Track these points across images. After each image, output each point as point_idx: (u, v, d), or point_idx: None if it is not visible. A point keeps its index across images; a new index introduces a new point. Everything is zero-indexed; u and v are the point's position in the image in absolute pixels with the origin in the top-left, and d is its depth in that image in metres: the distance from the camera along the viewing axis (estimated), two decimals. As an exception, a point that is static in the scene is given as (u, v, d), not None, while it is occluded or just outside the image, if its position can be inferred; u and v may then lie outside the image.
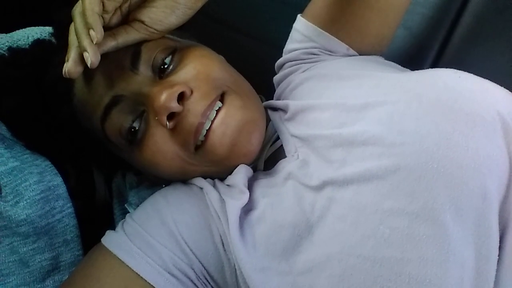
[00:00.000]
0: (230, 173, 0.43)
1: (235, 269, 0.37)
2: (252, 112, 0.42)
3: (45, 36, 0.56)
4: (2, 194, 0.46)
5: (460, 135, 0.34)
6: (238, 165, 0.43)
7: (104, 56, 0.38)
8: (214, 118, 0.40)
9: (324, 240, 0.35)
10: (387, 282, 0.32)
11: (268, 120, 0.49)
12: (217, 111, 0.40)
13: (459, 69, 0.40)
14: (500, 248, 0.33)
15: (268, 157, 0.46)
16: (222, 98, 0.41)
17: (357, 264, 0.33)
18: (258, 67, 0.56)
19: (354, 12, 0.50)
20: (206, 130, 0.40)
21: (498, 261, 0.33)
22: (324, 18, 0.52)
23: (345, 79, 0.44)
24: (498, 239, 0.33)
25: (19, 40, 0.57)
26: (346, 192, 0.36)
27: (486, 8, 0.61)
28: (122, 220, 0.42)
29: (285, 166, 0.42)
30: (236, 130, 0.41)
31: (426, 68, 0.50)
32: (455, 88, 0.37)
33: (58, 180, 0.49)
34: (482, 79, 0.38)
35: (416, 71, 0.42)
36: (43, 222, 0.46)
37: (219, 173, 0.44)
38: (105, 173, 0.56)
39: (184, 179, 0.46)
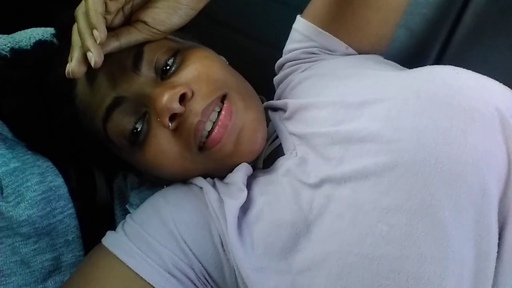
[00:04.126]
0: (231, 172, 0.44)
1: (234, 269, 0.37)
2: (254, 112, 0.43)
3: (47, 37, 0.56)
4: (4, 195, 0.46)
5: (458, 130, 0.34)
6: (239, 164, 0.43)
7: (107, 57, 0.38)
8: (218, 118, 0.40)
9: (322, 238, 0.35)
10: (385, 280, 0.32)
11: (268, 120, 0.49)
12: (219, 112, 0.41)
13: (459, 69, 0.40)
14: (499, 244, 0.33)
15: (267, 156, 0.47)
16: (223, 100, 0.42)
17: (355, 262, 0.33)
18: (258, 68, 0.56)
19: (353, 11, 0.50)
20: (208, 131, 0.40)
21: (497, 258, 0.33)
22: (323, 18, 0.52)
23: (343, 77, 0.45)
24: (498, 236, 0.33)
25: (21, 41, 0.58)
26: (344, 190, 0.36)
27: (487, 8, 0.62)
28: (123, 221, 0.42)
29: (283, 164, 0.42)
30: (240, 129, 0.41)
31: (427, 69, 0.50)
32: (453, 84, 0.37)
33: (59, 180, 0.49)
34: (481, 75, 0.38)
35: (414, 68, 0.42)
36: (44, 222, 0.46)
37: (220, 171, 0.44)
38: (106, 174, 0.56)
39: (185, 179, 0.46)
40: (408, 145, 0.34)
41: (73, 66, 0.37)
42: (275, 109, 0.50)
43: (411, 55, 0.67)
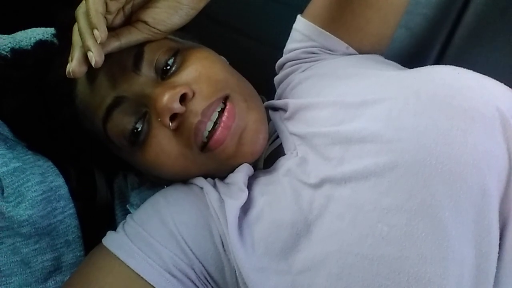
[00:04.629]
0: (231, 172, 0.44)
1: (235, 269, 0.37)
2: (256, 113, 0.43)
3: (48, 37, 0.56)
4: (4, 195, 0.46)
5: (459, 131, 0.34)
6: (241, 164, 0.43)
7: (107, 57, 0.38)
8: (220, 119, 0.40)
9: (323, 238, 0.35)
10: (385, 281, 0.32)
11: (269, 120, 0.49)
12: (221, 112, 0.41)
13: (459, 69, 0.40)
14: (500, 245, 0.33)
15: (268, 156, 0.47)
16: (225, 101, 0.41)
17: (355, 262, 0.33)
18: (259, 68, 0.56)
19: (354, 10, 0.50)
20: (209, 131, 0.40)
21: (498, 258, 0.33)
22: (323, 17, 0.52)
23: (344, 77, 0.45)
24: (498, 236, 0.33)
25: (21, 41, 0.58)
26: (344, 190, 0.36)
27: (487, 8, 0.62)
28: (123, 221, 0.42)
29: (284, 164, 0.42)
30: (243, 130, 0.41)
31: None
32: (454, 84, 0.37)
33: (60, 180, 0.49)
34: (482, 75, 0.38)
35: (415, 68, 0.42)
36: (45, 222, 0.46)
37: (221, 172, 0.44)
38: (107, 174, 0.56)
39: (186, 179, 0.46)
40: (409, 145, 0.34)
41: (74, 66, 0.37)
42: (276, 108, 0.50)
43: (411, 55, 0.67)
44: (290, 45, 0.56)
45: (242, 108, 0.41)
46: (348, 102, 0.40)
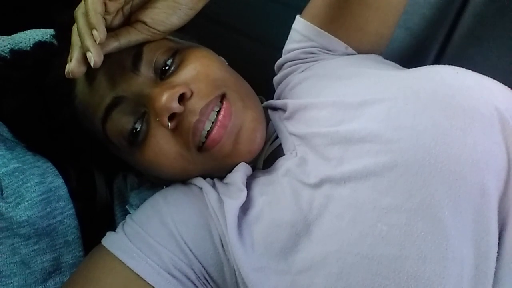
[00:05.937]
0: (230, 172, 0.44)
1: (234, 269, 0.37)
2: (253, 112, 0.43)
3: (47, 38, 0.56)
4: (4, 196, 0.46)
5: (458, 130, 0.34)
6: (238, 163, 0.43)
7: (106, 57, 0.38)
8: (217, 118, 0.40)
9: (322, 238, 0.35)
10: (385, 280, 0.32)
11: (268, 120, 0.49)
12: (219, 111, 0.41)
13: (458, 69, 0.40)
14: (499, 244, 0.33)
15: (267, 156, 0.47)
16: (222, 100, 0.42)
17: (355, 262, 0.33)
18: (258, 68, 0.56)
19: (353, 10, 0.50)
20: (207, 131, 0.40)
21: (497, 258, 0.33)
22: (322, 18, 0.52)
23: (343, 77, 0.45)
24: (497, 236, 0.33)
25: (21, 42, 0.58)
26: (343, 190, 0.36)
27: (486, 8, 0.62)
28: (123, 221, 0.42)
29: (283, 164, 0.42)
30: (239, 129, 0.41)
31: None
32: (453, 84, 0.37)
33: (59, 181, 0.49)
34: (481, 75, 0.38)
35: (414, 68, 0.42)
36: (44, 223, 0.46)
37: (220, 171, 0.44)
38: (106, 174, 0.56)
39: (185, 179, 0.46)
40: (408, 145, 0.34)
41: (73, 66, 0.37)
42: (275, 108, 0.50)
43: (410, 55, 0.67)
44: (289, 45, 0.56)
45: (238, 107, 0.42)
46: (348, 102, 0.40)
